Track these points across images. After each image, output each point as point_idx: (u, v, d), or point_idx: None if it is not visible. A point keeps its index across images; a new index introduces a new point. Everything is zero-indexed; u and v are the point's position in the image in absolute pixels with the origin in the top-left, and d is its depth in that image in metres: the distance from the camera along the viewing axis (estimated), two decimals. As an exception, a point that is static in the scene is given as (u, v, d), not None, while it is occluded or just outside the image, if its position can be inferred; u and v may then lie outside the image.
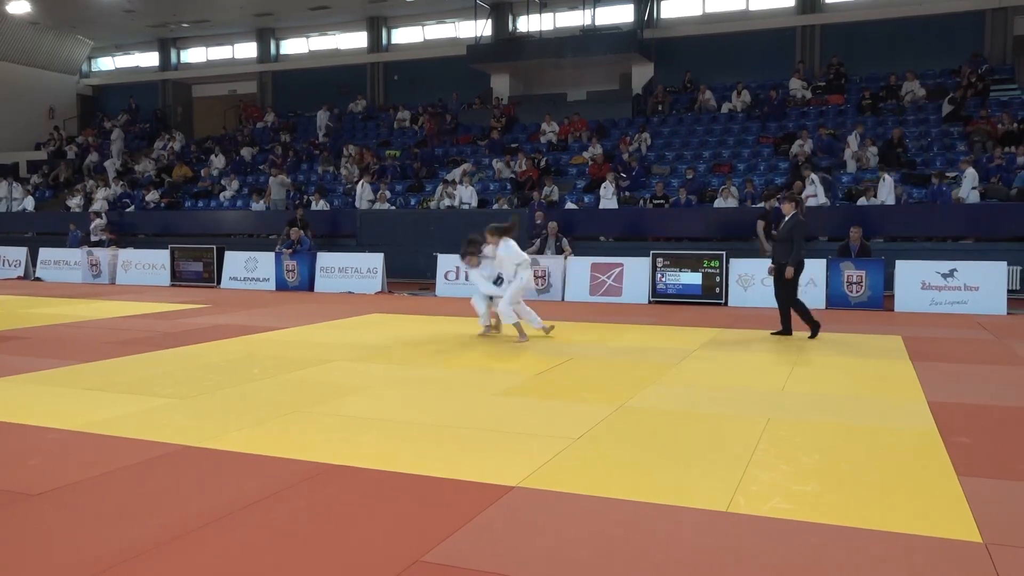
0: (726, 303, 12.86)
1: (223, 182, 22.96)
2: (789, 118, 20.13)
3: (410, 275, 16.78)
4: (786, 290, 9.03)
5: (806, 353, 8.13)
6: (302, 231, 16.26)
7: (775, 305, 9.39)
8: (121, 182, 24.23)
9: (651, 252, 13.53)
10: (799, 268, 8.93)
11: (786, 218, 9.09)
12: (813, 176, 15.67)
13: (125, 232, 20.10)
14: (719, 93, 21.72)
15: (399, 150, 22.75)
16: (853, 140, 17.16)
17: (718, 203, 16.37)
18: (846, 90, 20.84)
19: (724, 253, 13.13)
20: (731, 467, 4.33)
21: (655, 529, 3.55)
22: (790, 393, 6.28)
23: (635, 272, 13.42)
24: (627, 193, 17.64)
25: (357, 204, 19.10)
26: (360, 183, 19.46)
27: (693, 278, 13.11)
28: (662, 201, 16.99)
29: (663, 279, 13.30)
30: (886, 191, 15.58)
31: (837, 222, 14.55)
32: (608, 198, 17.02)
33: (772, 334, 9.30)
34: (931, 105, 19.25)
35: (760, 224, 13.36)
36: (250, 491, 4.00)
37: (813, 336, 9.04)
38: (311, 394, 6.21)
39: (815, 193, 15.51)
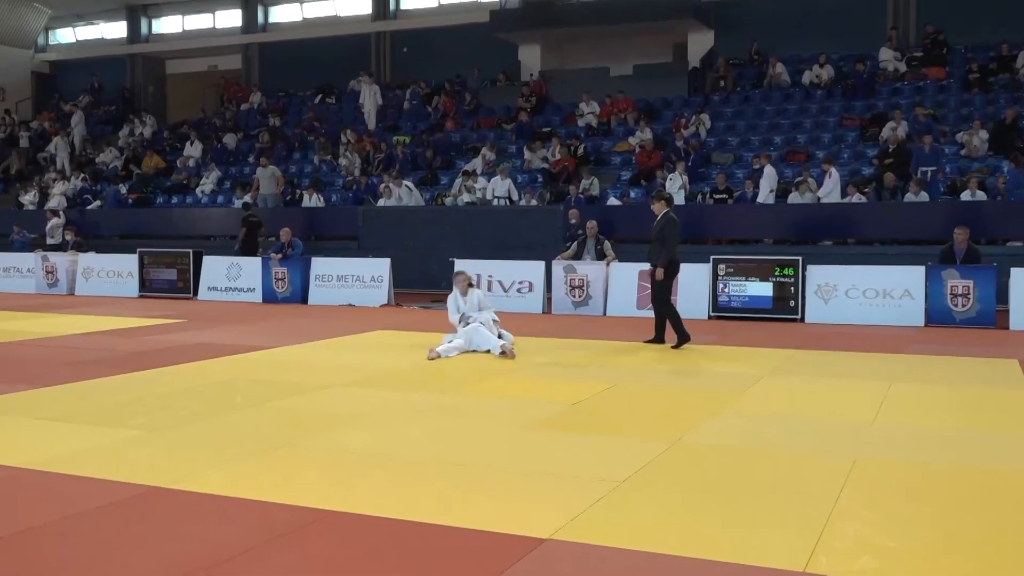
0: (802, 319, 12.75)
1: (202, 174, 23.24)
2: (879, 95, 19.96)
3: (422, 285, 16.85)
4: (658, 293, 10.15)
5: (901, 380, 8.03)
6: (254, 230, 16.47)
7: (860, 321, 9.20)
8: (82, 175, 24.62)
9: (711, 257, 13.47)
10: (671, 269, 10.06)
11: (658, 217, 10.17)
12: (832, 170, 15.87)
13: (87, 234, 20.41)
14: (793, 66, 21.60)
15: (409, 135, 22.89)
16: None
17: (793, 198, 16.26)
18: (948, 62, 20.63)
19: (800, 259, 13.02)
20: (809, 517, 4.28)
21: (717, 592, 3.51)
22: (881, 427, 6.21)
23: (692, 281, 13.35)
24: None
25: (404, 200, 18.98)
26: (400, 182, 19.09)
27: (762, 288, 13.03)
28: (724, 196, 16.91)
29: (726, 290, 13.23)
30: (831, 186, 15.60)
31: (938, 221, 14.39)
32: (675, 192, 16.96)
33: (645, 342, 10.27)
34: (1054, 79, 19.00)
35: None
36: (231, 542, 4.02)
37: (677, 346, 9.93)
38: (304, 426, 6.24)
39: (832, 189, 15.64)
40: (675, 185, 17.09)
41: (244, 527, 4.21)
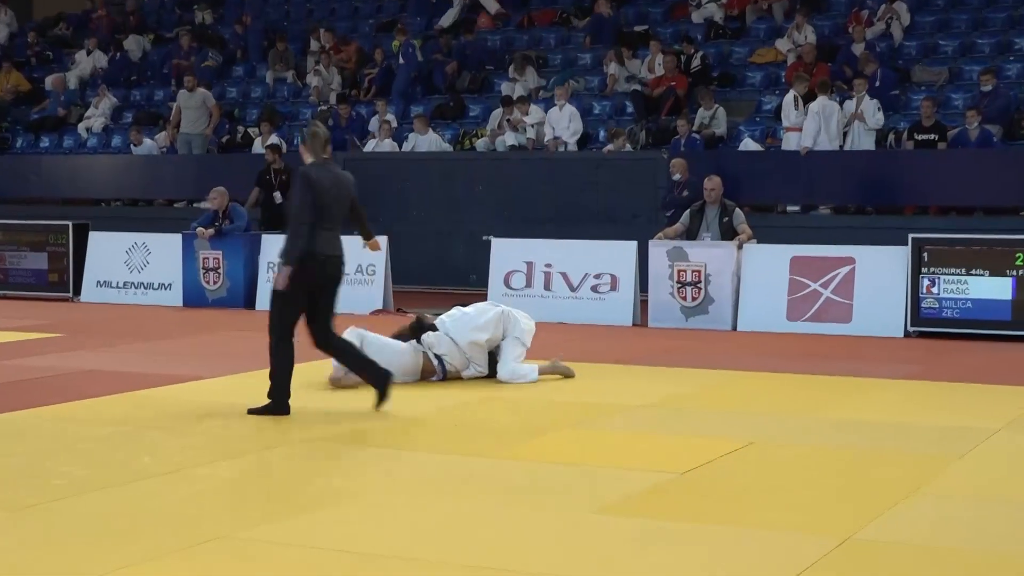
0: (1060, 338, 12.64)
1: (88, 101, 23.49)
2: None
3: (438, 279, 16.92)
4: (272, 309, 9.00)
5: None
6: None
7: None
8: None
9: (910, 237, 13.35)
10: (303, 271, 8.71)
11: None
12: (826, 98, 16.40)
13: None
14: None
15: (421, 39, 22.90)
16: None
17: (1045, 140, 16.10)
18: None
19: (1057, 239, 12.92)
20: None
21: None
22: None
23: (878, 276, 13.27)
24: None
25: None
26: (426, 126, 19.25)
27: (995, 288, 12.88)
28: (931, 136, 16.73)
29: (934, 289, 13.10)
30: (813, 129, 16.14)
31: None
32: (867, 131, 16.82)
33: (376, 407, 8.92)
34: None
35: None
36: None
37: (261, 411, 8.65)
38: (249, 505, 6.31)
39: (815, 132, 16.29)
40: (874, 117, 16.78)
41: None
